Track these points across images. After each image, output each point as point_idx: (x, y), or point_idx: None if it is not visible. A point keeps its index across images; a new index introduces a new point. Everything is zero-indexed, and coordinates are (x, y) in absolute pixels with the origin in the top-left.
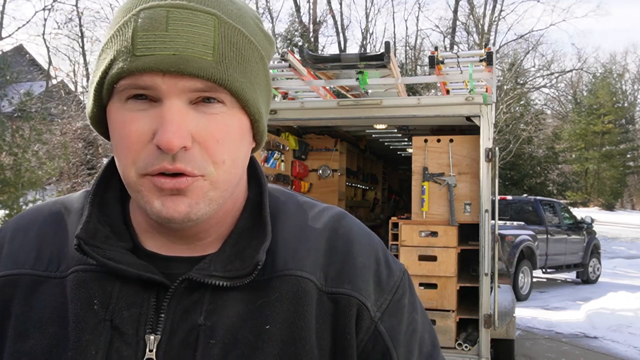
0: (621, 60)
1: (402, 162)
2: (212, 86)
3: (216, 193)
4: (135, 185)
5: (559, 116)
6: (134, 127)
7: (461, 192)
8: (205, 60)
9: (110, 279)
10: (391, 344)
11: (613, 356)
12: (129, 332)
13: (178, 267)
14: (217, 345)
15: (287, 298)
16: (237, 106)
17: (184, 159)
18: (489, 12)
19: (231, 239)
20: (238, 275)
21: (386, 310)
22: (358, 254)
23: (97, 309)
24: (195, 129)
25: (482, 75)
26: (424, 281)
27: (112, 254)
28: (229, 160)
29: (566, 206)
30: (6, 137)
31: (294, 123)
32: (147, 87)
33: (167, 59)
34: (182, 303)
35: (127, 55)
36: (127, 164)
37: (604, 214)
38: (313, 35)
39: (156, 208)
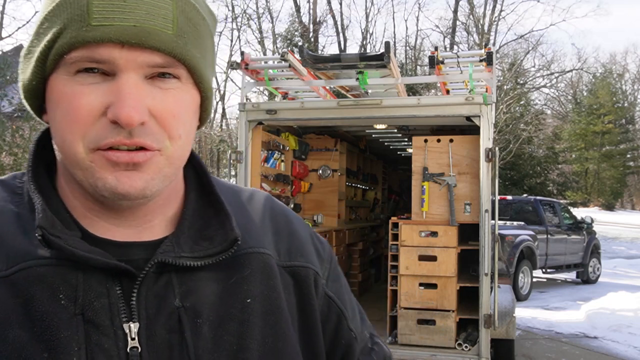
0: (621, 60)
1: (402, 162)
2: (171, 61)
3: (170, 169)
4: (84, 162)
5: (559, 116)
6: (85, 100)
7: (461, 192)
8: (166, 34)
9: (72, 271)
10: (341, 304)
11: (613, 356)
12: (105, 324)
13: (136, 252)
14: (205, 324)
15: (258, 273)
16: (191, 82)
17: (143, 133)
18: (489, 12)
19: (185, 220)
20: (208, 254)
21: (329, 277)
22: (299, 230)
23: (65, 303)
24: (152, 103)
25: (482, 75)
26: (424, 281)
27: (73, 242)
28: (184, 135)
29: (566, 206)
30: (6, 137)
31: (294, 123)
32: (103, 61)
33: (127, 30)
34: (151, 289)
35: (80, 24)
36: (74, 138)
37: (604, 214)
38: (313, 35)
39: (110, 183)
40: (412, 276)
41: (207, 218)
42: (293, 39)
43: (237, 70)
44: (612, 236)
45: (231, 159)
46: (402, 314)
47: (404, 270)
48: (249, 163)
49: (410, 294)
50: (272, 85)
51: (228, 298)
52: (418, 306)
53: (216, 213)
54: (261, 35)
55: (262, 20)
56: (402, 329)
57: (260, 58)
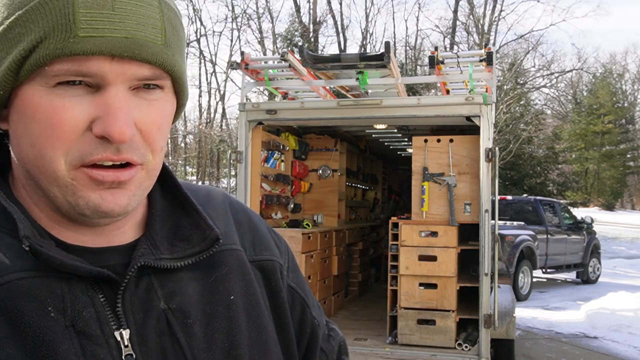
0: (621, 60)
1: (402, 162)
2: (159, 73)
3: (149, 182)
4: (64, 179)
5: (559, 116)
6: (68, 114)
7: (461, 192)
8: (157, 45)
9: (56, 282)
10: (303, 294)
11: (613, 356)
12: (96, 333)
13: (110, 257)
14: (195, 324)
15: (235, 269)
16: (172, 91)
17: (130, 148)
18: (489, 12)
19: (155, 221)
20: (188, 255)
21: (289, 269)
22: (258, 224)
23: (54, 316)
24: (138, 116)
25: (482, 75)
26: (424, 281)
27: (53, 251)
28: (164, 147)
29: (566, 206)
30: None
31: (294, 123)
32: (91, 74)
33: (119, 43)
34: (135, 293)
35: (66, 35)
36: (55, 154)
37: (604, 214)
38: (313, 36)
39: (94, 202)
40: (412, 276)
41: (177, 218)
42: (293, 39)
43: (237, 70)
44: (612, 236)
45: (231, 159)
46: (402, 314)
47: (404, 270)
48: (249, 163)
49: (410, 294)
50: (272, 85)
51: (212, 296)
52: (418, 306)
53: (185, 213)
54: (261, 35)
55: (262, 20)
56: (402, 329)
57: (260, 58)
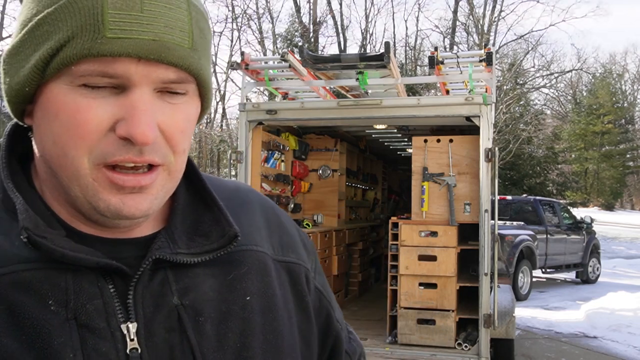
0: (621, 61)
1: (402, 162)
2: (184, 77)
3: (172, 184)
4: (86, 178)
5: (558, 116)
6: (92, 114)
7: (461, 192)
8: (184, 49)
9: (59, 274)
10: (328, 297)
11: (613, 356)
12: (100, 326)
13: (126, 249)
14: (207, 321)
15: (254, 270)
16: (197, 94)
17: (152, 150)
18: (489, 13)
19: (177, 215)
20: (206, 251)
21: (315, 270)
22: (287, 224)
23: (55, 309)
24: (162, 119)
25: (482, 75)
26: (424, 281)
27: (59, 242)
28: (187, 149)
29: (566, 206)
30: None
31: (294, 123)
32: (117, 76)
33: (147, 45)
34: (148, 287)
35: (94, 35)
36: (78, 154)
37: (604, 214)
38: (313, 36)
39: (115, 206)
40: (412, 276)
41: (199, 213)
42: (293, 39)
43: (237, 71)
44: (612, 236)
45: (231, 159)
46: (402, 314)
47: (403, 270)
48: (249, 163)
49: (410, 294)
50: (272, 85)
51: (228, 294)
52: (418, 306)
53: (207, 208)
54: (261, 35)
55: (262, 21)
56: (402, 328)
57: (260, 58)
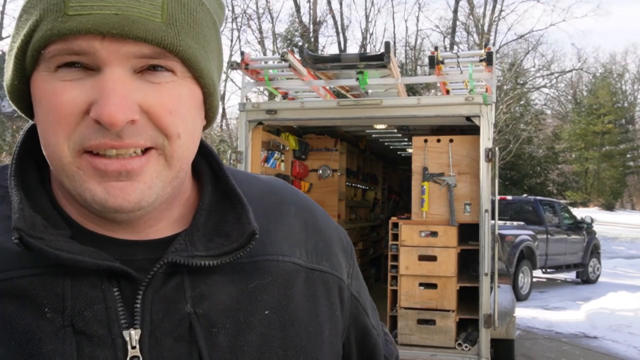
0: (621, 60)
1: (402, 162)
2: (161, 52)
3: (171, 172)
4: (70, 167)
5: (559, 116)
6: (66, 97)
7: (461, 192)
8: (154, 22)
9: (56, 279)
10: (364, 302)
11: (613, 356)
12: (98, 333)
13: (139, 251)
14: (221, 333)
15: (278, 282)
16: (189, 76)
17: (134, 133)
18: (489, 12)
19: (201, 215)
20: (225, 252)
21: (352, 275)
22: (325, 227)
23: (50, 316)
24: (143, 98)
25: (482, 75)
26: (424, 281)
27: (58, 243)
28: (184, 133)
29: (566, 206)
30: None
31: (294, 123)
32: (83, 52)
33: (107, 19)
34: (159, 291)
35: (56, 15)
36: (59, 140)
37: (604, 214)
38: (313, 36)
39: (99, 196)
40: (412, 276)
41: (224, 212)
42: (293, 39)
43: (237, 70)
44: (612, 236)
45: (231, 159)
46: (402, 314)
47: (404, 270)
48: (249, 163)
49: (410, 294)
50: (272, 85)
51: (247, 304)
52: (418, 306)
53: (232, 206)
54: (261, 35)
55: (262, 21)
56: (402, 329)
57: (260, 58)
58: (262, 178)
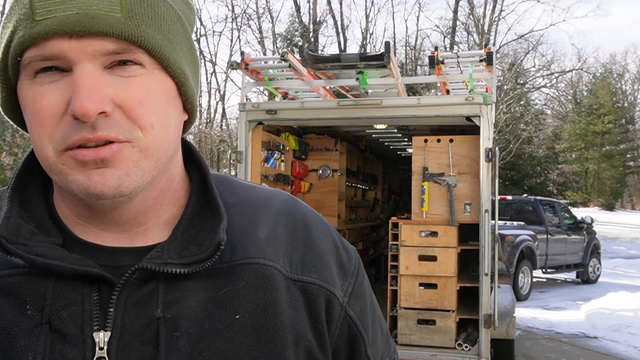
0: (621, 60)
1: (402, 162)
2: (126, 46)
3: (148, 162)
4: (56, 165)
5: (559, 116)
6: (45, 100)
7: (461, 192)
8: (113, 17)
9: (41, 279)
10: (362, 327)
11: (613, 356)
12: (72, 333)
13: (124, 258)
14: (183, 337)
15: (254, 286)
16: (158, 67)
17: (107, 125)
18: (489, 12)
19: (181, 225)
20: (195, 261)
21: (352, 294)
22: (318, 239)
23: (30, 313)
24: (114, 92)
25: (482, 75)
26: (424, 281)
27: (41, 250)
28: (157, 124)
29: (566, 206)
30: (6, 137)
31: (294, 123)
32: (55, 57)
33: (69, 19)
34: (132, 296)
35: (26, 22)
36: (43, 142)
37: (604, 214)
38: (313, 35)
39: (82, 184)
40: (412, 276)
41: (204, 221)
42: (293, 39)
43: (237, 70)
44: (612, 236)
45: (231, 159)
46: (402, 314)
47: (404, 270)
48: (249, 163)
49: (410, 294)
50: (272, 85)
51: (215, 311)
52: (418, 306)
53: (212, 216)
54: (261, 35)
55: (262, 20)
56: (402, 329)
57: (260, 58)
58: (265, 190)
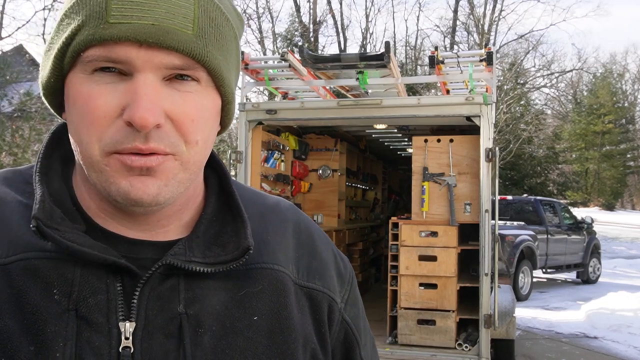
0: (621, 60)
1: (402, 162)
2: (190, 63)
3: (185, 175)
4: (99, 165)
5: (559, 116)
6: (101, 100)
7: (461, 192)
8: (186, 34)
9: (68, 265)
10: (356, 331)
11: (613, 356)
12: (98, 321)
13: (145, 251)
14: (207, 334)
15: (269, 290)
16: (212, 85)
17: (157, 137)
18: (489, 12)
19: (202, 224)
20: (220, 261)
21: (348, 301)
22: (321, 249)
23: (58, 298)
24: (170, 106)
25: (482, 75)
26: (424, 281)
27: (71, 236)
28: (201, 141)
29: (566, 206)
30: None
31: (294, 123)
32: (120, 61)
33: (145, 29)
34: (155, 289)
35: (98, 22)
36: (91, 140)
37: (604, 214)
38: (313, 35)
39: (123, 189)
40: (412, 276)
41: (224, 224)
42: (293, 39)
43: None
44: (612, 236)
45: (231, 159)
46: (402, 314)
47: (404, 270)
48: (249, 163)
49: (410, 294)
50: (272, 85)
51: (235, 310)
52: (418, 306)
53: (233, 219)
54: (261, 35)
55: (262, 20)
56: (402, 329)
57: (260, 58)
58: (269, 197)
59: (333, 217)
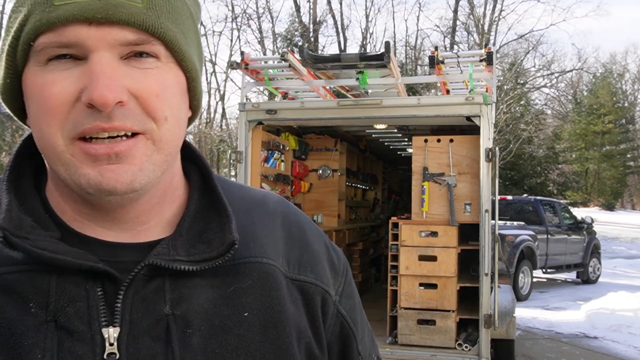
0: (621, 60)
1: (402, 162)
2: (145, 38)
3: (160, 156)
4: (64, 155)
5: (559, 116)
6: (57, 88)
7: (461, 192)
8: (135, 6)
9: (43, 276)
10: (352, 324)
11: (613, 356)
12: (79, 329)
13: (125, 253)
14: (195, 334)
15: (259, 284)
16: (172, 61)
17: (122, 115)
18: (489, 12)
19: (185, 222)
20: (205, 259)
21: (343, 293)
22: (312, 240)
23: (34, 311)
24: (131, 82)
25: (482, 75)
26: (424, 281)
27: (43, 243)
28: (171, 117)
29: (566, 206)
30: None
31: (294, 123)
32: (71, 44)
33: (92, 5)
34: (140, 292)
35: (44, 7)
36: (52, 130)
37: (604, 214)
38: (313, 35)
39: (94, 179)
40: (412, 276)
41: (208, 220)
42: (293, 39)
43: (237, 70)
44: (612, 236)
45: (231, 159)
46: (402, 314)
47: (404, 270)
48: (249, 163)
49: (411, 294)
50: (272, 85)
51: (224, 308)
52: (418, 306)
53: (218, 215)
54: (261, 35)
55: (262, 20)
56: (402, 329)
57: (260, 58)
58: (257, 190)
59: (333, 217)
